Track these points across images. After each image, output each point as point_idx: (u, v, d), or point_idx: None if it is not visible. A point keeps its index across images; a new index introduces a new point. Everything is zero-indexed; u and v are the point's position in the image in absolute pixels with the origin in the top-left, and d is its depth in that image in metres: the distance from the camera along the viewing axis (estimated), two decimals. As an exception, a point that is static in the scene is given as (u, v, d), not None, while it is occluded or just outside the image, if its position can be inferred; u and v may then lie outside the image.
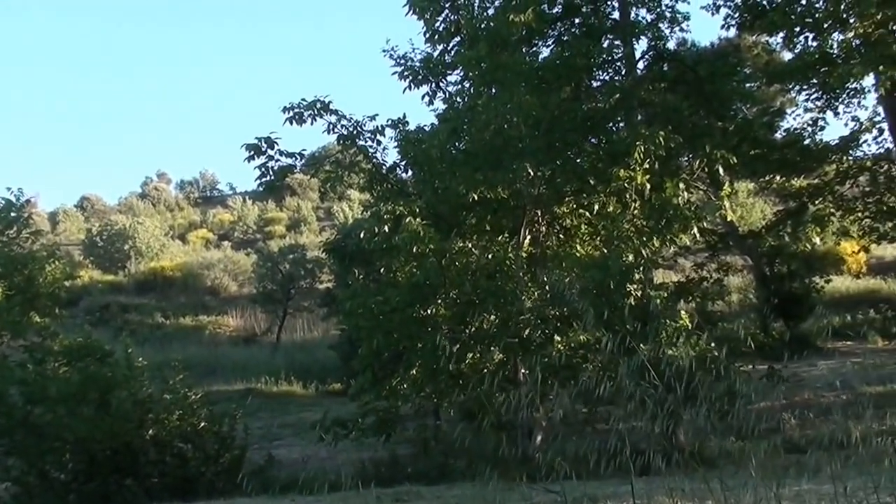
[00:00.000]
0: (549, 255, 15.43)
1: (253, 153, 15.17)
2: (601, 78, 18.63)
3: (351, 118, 15.77)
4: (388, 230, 14.34)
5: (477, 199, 14.58)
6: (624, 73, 18.31)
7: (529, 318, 13.60)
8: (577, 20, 18.60)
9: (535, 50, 17.72)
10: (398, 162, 16.28)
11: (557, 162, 15.04)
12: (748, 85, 20.68)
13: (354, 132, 15.84)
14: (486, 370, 14.25)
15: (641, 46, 18.75)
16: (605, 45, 17.99)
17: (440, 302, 14.35)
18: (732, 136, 18.97)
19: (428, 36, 17.78)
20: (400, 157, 16.08)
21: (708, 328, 14.80)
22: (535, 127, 14.47)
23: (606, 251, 14.17)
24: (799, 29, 19.55)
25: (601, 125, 16.58)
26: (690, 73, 18.61)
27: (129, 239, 53.25)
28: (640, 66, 18.66)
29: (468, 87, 16.59)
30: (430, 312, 14.37)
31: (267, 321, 41.37)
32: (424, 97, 16.66)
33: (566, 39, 18.01)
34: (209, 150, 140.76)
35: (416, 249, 13.50)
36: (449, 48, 17.82)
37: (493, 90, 15.00)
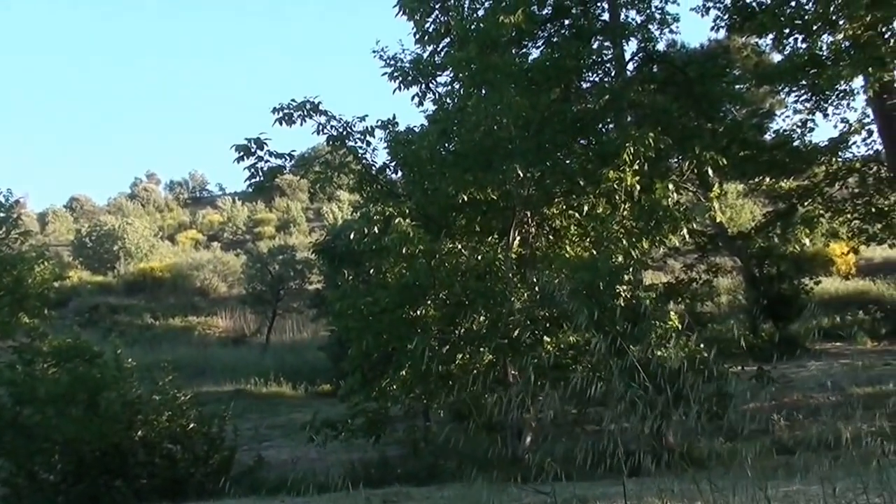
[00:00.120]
0: (538, 256, 15.42)
1: (242, 154, 15.12)
2: (591, 79, 18.72)
3: (341, 119, 15.75)
4: (377, 231, 14.30)
5: (466, 200, 14.58)
6: (613, 74, 18.38)
7: (519, 319, 13.56)
8: (566, 21, 18.68)
9: (524, 51, 17.77)
10: (388, 163, 16.24)
11: (547, 163, 15.01)
12: (738, 86, 20.75)
13: (344, 133, 15.79)
14: (475, 371, 14.23)
15: (631, 48, 18.88)
16: (594, 46, 18.06)
17: (430, 303, 14.32)
18: (722, 137, 19.04)
19: (418, 37, 17.81)
20: (390, 157, 16.05)
21: (697, 329, 14.83)
22: (524, 128, 14.45)
23: (596, 252, 14.16)
24: (788, 31, 19.60)
25: (591, 126, 16.58)
26: (680, 74, 18.70)
27: (118, 240, 53.19)
28: (629, 67, 18.74)
29: (458, 88, 16.57)
30: (419, 313, 14.34)
31: (256, 322, 41.36)
32: (414, 98, 16.62)
33: (556, 41, 18.08)
34: (199, 150, 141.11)
35: (405, 250, 13.47)
36: (439, 49, 17.86)
37: (482, 91, 14.97)
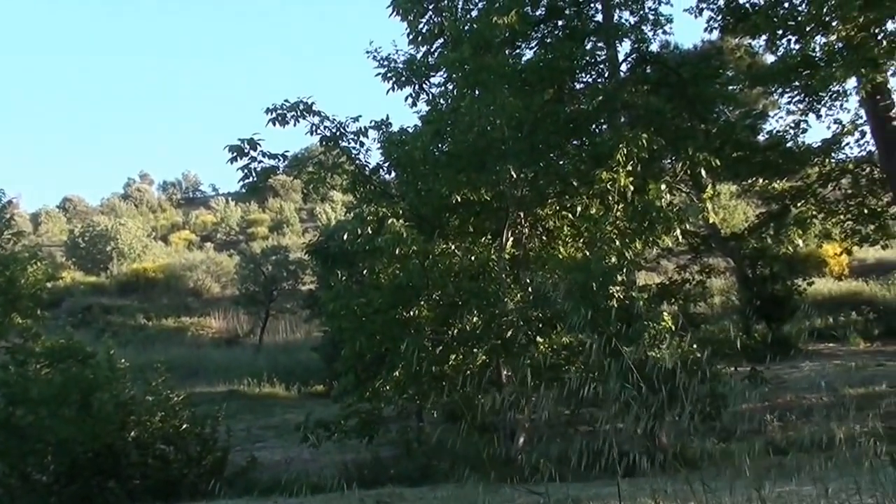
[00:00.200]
0: (531, 256, 15.44)
1: (236, 154, 15.08)
2: (584, 80, 18.71)
3: (334, 119, 15.70)
4: (370, 232, 14.31)
5: (460, 200, 14.57)
6: (607, 75, 18.37)
7: (512, 319, 13.58)
8: (560, 22, 18.67)
9: (518, 52, 17.80)
10: (381, 163, 16.26)
11: (540, 164, 15.03)
12: (731, 87, 20.74)
13: (337, 133, 15.75)
14: (469, 372, 14.20)
15: (624, 49, 18.89)
16: (588, 47, 18.04)
17: (423, 304, 14.31)
18: (715, 138, 19.05)
19: (411, 38, 17.82)
20: (383, 158, 16.06)
21: (691, 330, 14.85)
22: (517, 129, 14.45)
23: (589, 253, 14.17)
24: (781, 32, 19.58)
25: (584, 127, 16.57)
26: (673, 75, 18.71)
27: (111, 240, 53.09)
28: (623, 68, 18.73)
29: (451, 88, 16.55)
30: (412, 314, 14.34)
31: (249, 323, 41.33)
32: (408, 99, 16.64)
33: (549, 42, 18.08)
34: (192, 151, 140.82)
35: (398, 251, 13.46)
36: (432, 50, 17.86)
37: (476, 92, 14.96)
